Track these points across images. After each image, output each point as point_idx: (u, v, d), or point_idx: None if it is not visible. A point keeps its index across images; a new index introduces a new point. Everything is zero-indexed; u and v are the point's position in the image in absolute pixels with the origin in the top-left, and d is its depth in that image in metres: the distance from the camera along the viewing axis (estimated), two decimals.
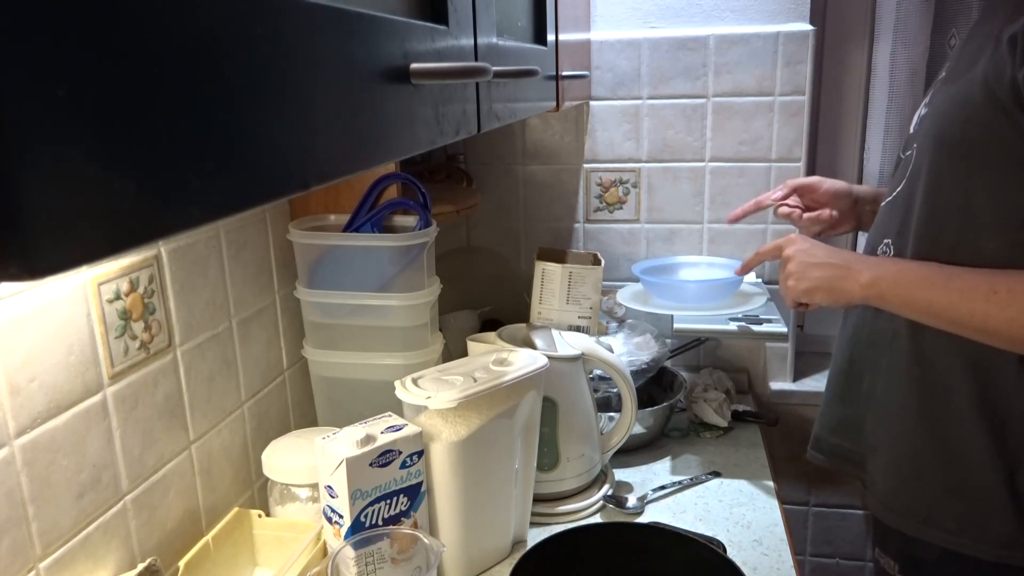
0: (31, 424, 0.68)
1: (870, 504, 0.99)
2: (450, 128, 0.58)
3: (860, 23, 1.50)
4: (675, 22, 1.45)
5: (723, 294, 1.34)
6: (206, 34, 0.28)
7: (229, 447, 0.98)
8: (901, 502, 0.93)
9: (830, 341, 1.66)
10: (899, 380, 0.92)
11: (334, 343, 1.09)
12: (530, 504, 1.05)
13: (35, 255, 0.21)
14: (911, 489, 0.92)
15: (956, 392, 0.87)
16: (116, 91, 0.24)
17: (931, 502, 0.90)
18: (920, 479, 0.91)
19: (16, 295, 0.67)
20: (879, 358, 0.95)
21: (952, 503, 0.89)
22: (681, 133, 1.49)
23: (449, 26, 0.56)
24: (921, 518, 0.91)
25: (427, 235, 1.05)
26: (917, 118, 0.96)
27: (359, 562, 0.83)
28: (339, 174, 0.40)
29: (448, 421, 0.91)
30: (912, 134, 0.95)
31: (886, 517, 0.95)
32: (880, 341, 0.95)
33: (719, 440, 1.34)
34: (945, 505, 0.89)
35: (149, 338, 0.83)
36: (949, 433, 0.89)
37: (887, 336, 0.94)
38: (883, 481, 0.96)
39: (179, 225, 0.27)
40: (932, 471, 0.90)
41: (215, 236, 0.94)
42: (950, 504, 0.89)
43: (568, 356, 1.07)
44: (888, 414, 0.95)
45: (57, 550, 0.71)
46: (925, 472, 0.91)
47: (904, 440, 0.93)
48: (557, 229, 1.59)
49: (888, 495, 0.95)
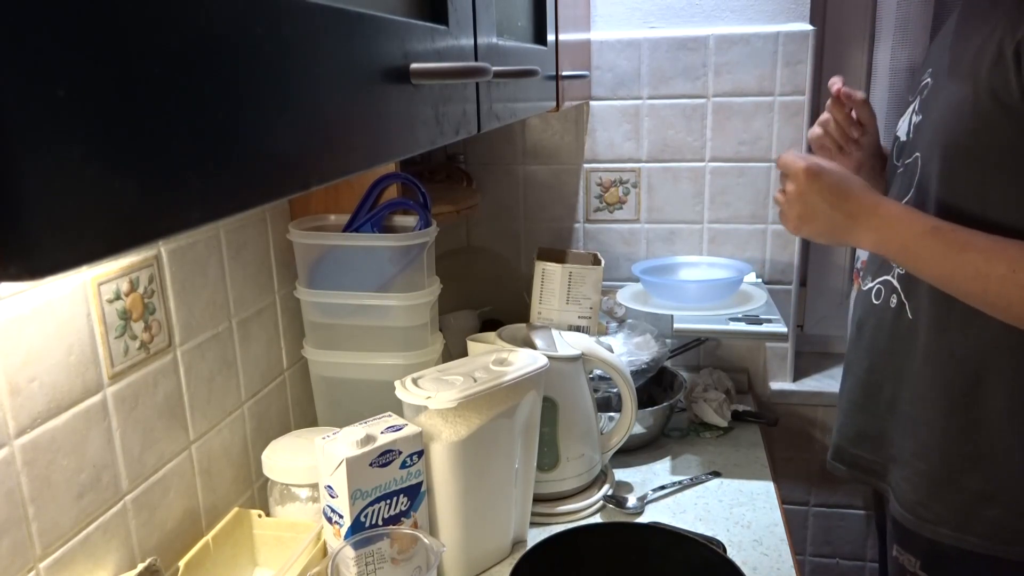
0: (31, 424, 0.68)
1: (896, 514, 0.96)
2: (450, 128, 0.58)
3: (860, 23, 1.50)
4: (675, 22, 1.45)
5: (723, 294, 1.34)
6: (206, 34, 0.28)
7: (229, 447, 0.98)
8: (933, 511, 0.91)
9: (830, 341, 1.67)
10: (925, 387, 0.91)
11: (334, 343, 1.09)
12: (530, 504, 1.05)
13: (35, 255, 0.21)
14: (943, 497, 0.90)
15: (985, 395, 0.86)
16: (116, 91, 0.24)
17: (965, 509, 0.89)
18: (952, 487, 0.90)
19: (16, 295, 0.67)
20: (901, 365, 0.94)
21: (986, 509, 0.87)
22: (681, 133, 1.49)
23: (449, 26, 0.56)
24: (954, 526, 0.89)
25: (427, 235, 1.05)
26: (909, 124, 0.94)
27: (359, 562, 0.83)
28: (339, 174, 0.40)
29: (448, 421, 0.91)
30: (906, 141, 0.94)
31: (917, 527, 0.93)
32: (902, 349, 0.93)
33: (719, 440, 1.34)
34: (979, 511, 0.88)
35: (149, 338, 0.83)
36: (980, 437, 0.87)
37: (909, 343, 0.92)
38: (912, 491, 0.93)
39: (179, 225, 0.27)
40: (964, 477, 0.88)
41: (215, 236, 0.94)
42: (984, 510, 0.87)
43: (568, 356, 1.07)
44: (915, 422, 0.93)
45: (57, 550, 0.71)
46: (957, 479, 0.89)
47: (933, 448, 0.91)
48: (557, 229, 1.59)
49: (917, 504, 0.93)
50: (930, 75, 0.92)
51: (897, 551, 0.98)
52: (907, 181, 0.92)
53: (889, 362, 0.96)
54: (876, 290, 0.98)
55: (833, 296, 1.64)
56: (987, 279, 0.79)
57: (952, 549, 0.90)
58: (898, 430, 0.96)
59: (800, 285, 1.56)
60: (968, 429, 0.88)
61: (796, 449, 1.60)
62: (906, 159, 0.93)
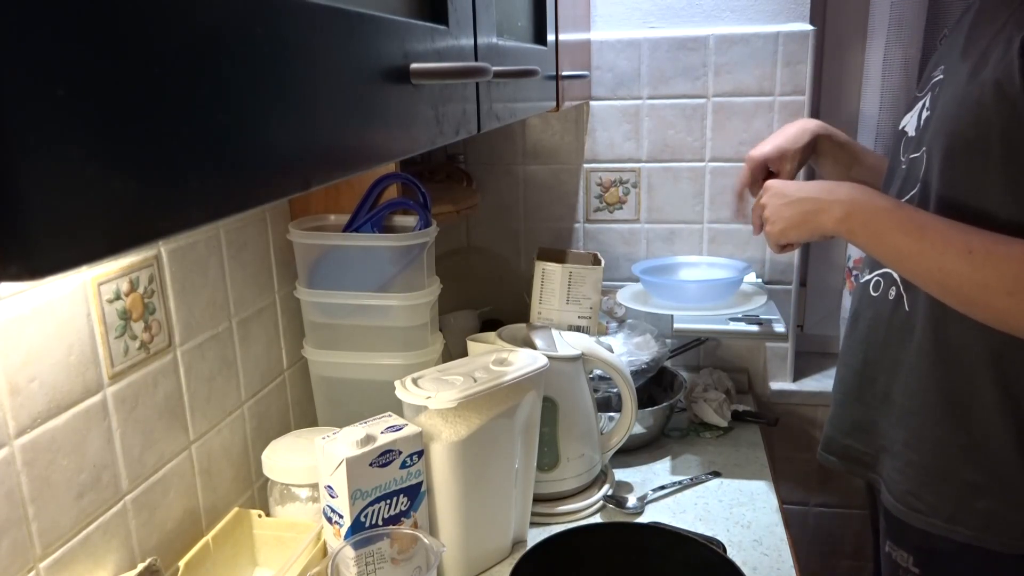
0: (31, 424, 0.68)
1: (887, 504, 0.97)
2: (450, 128, 0.58)
3: (860, 23, 1.50)
4: (675, 22, 1.45)
5: (723, 294, 1.34)
6: (206, 34, 0.28)
7: (229, 447, 0.98)
8: (925, 502, 0.92)
9: (830, 341, 1.66)
10: (920, 378, 0.91)
11: (334, 343, 1.09)
12: (530, 504, 1.05)
13: (35, 255, 0.21)
14: (934, 488, 0.91)
15: (980, 387, 0.86)
16: (116, 91, 0.24)
17: (957, 500, 0.89)
18: (944, 478, 0.90)
19: (16, 295, 0.67)
20: (896, 357, 0.94)
21: (978, 500, 0.88)
22: (681, 133, 1.49)
23: (449, 26, 0.56)
24: (946, 517, 0.90)
25: (427, 235, 1.05)
26: (918, 120, 0.95)
27: (359, 562, 0.83)
28: (339, 174, 0.40)
29: (448, 421, 0.91)
30: (914, 136, 0.95)
31: (908, 517, 0.94)
32: (897, 341, 0.94)
33: (719, 440, 1.34)
34: (971, 502, 0.88)
35: (149, 338, 0.83)
36: (973, 429, 0.87)
37: (906, 335, 0.93)
38: (904, 481, 0.94)
39: (179, 225, 0.27)
40: (957, 469, 0.89)
41: (215, 236, 0.94)
42: (976, 501, 0.88)
43: (568, 356, 1.07)
44: (908, 414, 0.93)
45: (57, 550, 0.71)
46: (949, 470, 0.90)
47: (926, 439, 0.91)
48: (557, 229, 1.59)
49: (909, 495, 0.93)
50: (941, 71, 0.92)
51: (890, 547, 0.98)
52: (912, 175, 0.92)
53: (884, 354, 0.97)
54: (875, 282, 0.98)
55: (833, 296, 1.64)
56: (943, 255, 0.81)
57: (944, 542, 0.90)
58: (891, 421, 0.96)
59: (800, 285, 1.56)
60: (962, 420, 0.88)
61: (796, 449, 1.60)
62: (912, 153, 0.93)
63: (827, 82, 1.55)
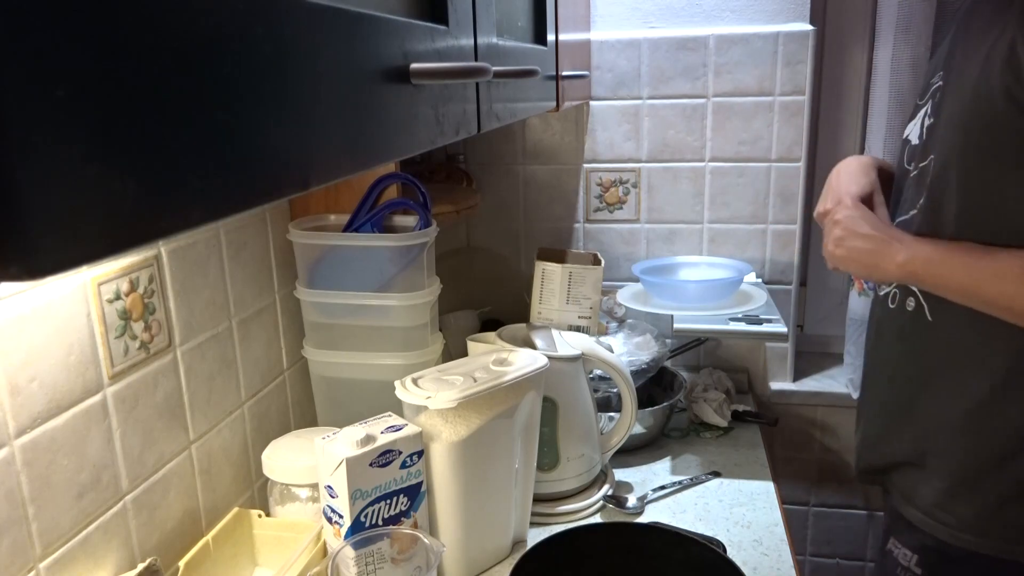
0: (31, 424, 0.68)
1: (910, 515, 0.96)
2: (450, 128, 0.58)
3: (860, 23, 1.50)
4: (675, 22, 1.45)
5: (723, 294, 1.34)
6: (206, 34, 0.28)
7: (229, 447, 0.98)
8: (955, 515, 0.91)
9: (830, 341, 1.67)
10: (948, 391, 0.91)
11: (334, 343, 1.09)
12: (530, 504, 1.05)
13: (35, 255, 0.21)
14: (965, 500, 0.90)
15: (1009, 397, 0.86)
16: (116, 91, 0.24)
17: (986, 513, 0.89)
18: (974, 489, 0.90)
19: (16, 295, 0.67)
20: (924, 368, 0.94)
21: (1007, 511, 0.87)
22: (681, 133, 1.49)
23: (449, 26, 0.56)
24: (977, 531, 0.89)
25: (427, 235, 1.05)
26: (921, 128, 0.94)
27: (359, 562, 0.83)
28: (339, 174, 0.40)
29: (448, 421, 0.91)
30: (918, 144, 0.94)
31: (937, 531, 0.92)
32: (923, 351, 0.93)
33: (719, 440, 1.34)
34: (1000, 514, 0.88)
35: (149, 338, 0.83)
36: (1002, 439, 0.87)
37: (932, 345, 0.92)
38: (931, 494, 0.93)
39: (179, 225, 0.27)
40: (988, 480, 0.88)
41: (215, 236, 0.94)
42: (1006, 512, 0.88)
43: (568, 356, 1.07)
44: (938, 425, 0.93)
45: (57, 550, 0.71)
46: (980, 481, 0.89)
47: (956, 450, 0.91)
48: (557, 229, 1.59)
49: (935, 507, 0.93)
50: (940, 77, 0.92)
51: (892, 544, 0.97)
52: (920, 184, 0.92)
53: (911, 365, 0.96)
54: (892, 295, 0.98)
55: (833, 296, 1.64)
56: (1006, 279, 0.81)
57: (958, 550, 0.90)
58: (920, 432, 0.95)
59: (800, 285, 1.56)
60: (989, 431, 0.88)
61: (796, 449, 1.60)
62: (920, 162, 0.93)
63: (827, 82, 1.55)
